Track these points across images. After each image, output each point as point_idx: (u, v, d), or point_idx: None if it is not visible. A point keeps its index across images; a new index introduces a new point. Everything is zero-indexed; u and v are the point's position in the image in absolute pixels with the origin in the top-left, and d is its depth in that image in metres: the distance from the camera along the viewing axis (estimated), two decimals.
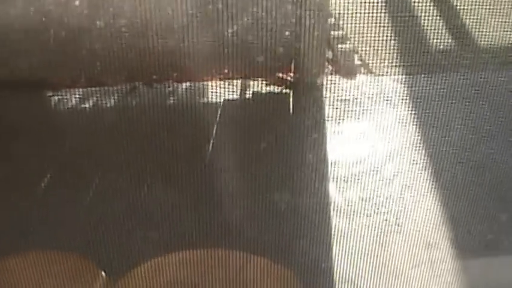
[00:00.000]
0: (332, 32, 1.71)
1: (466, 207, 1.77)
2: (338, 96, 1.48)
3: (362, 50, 1.46)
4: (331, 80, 1.47)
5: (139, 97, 1.33)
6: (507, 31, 1.59)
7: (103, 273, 1.79)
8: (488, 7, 1.48)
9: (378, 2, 1.41)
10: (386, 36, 1.53)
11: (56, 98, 1.31)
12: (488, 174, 1.73)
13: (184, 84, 1.35)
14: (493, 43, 1.58)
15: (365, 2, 1.34)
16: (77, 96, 1.31)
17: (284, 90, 1.55)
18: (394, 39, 1.58)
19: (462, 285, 1.97)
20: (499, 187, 1.76)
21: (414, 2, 1.50)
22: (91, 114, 1.35)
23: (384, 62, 1.48)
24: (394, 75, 1.52)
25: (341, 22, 1.92)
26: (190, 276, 1.76)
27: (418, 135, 1.59)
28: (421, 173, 1.68)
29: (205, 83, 1.38)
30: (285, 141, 1.60)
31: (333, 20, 1.85)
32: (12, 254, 1.67)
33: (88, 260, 1.73)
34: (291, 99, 1.58)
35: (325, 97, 1.46)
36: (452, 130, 1.62)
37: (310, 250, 1.75)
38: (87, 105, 1.33)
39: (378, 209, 1.76)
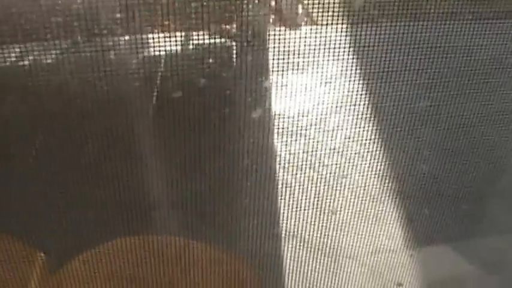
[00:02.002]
0: None
1: (410, 158, 1.95)
2: (282, 47, 1.61)
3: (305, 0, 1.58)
4: (274, 31, 1.59)
5: (80, 52, 1.42)
6: None
7: (42, 254, 1.89)
8: None
9: None
10: None
11: None
12: (431, 125, 1.91)
13: (124, 38, 1.45)
14: None
15: None
16: (16, 52, 1.39)
17: (227, 42, 1.66)
18: None
19: (409, 235, 2.17)
20: (443, 138, 1.95)
21: None
22: (31, 71, 1.43)
23: (328, 12, 1.61)
24: (338, 25, 1.65)
25: None
26: (128, 266, 1.89)
27: (362, 86, 1.74)
28: (365, 125, 1.83)
29: (146, 35, 1.47)
30: (229, 94, 1.72)
31: None
32: None
33: (24, 242, 1.82)
34: (234, 51, 1.69)
35: (269, 48, 1.59)
36: (396, 81, 1.77)
37: (256, 205, 1.90)
38: (26, 62, 1.40)
39: (323, 161, 1.91)
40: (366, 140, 1.82)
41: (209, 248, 1.93)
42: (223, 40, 1.62)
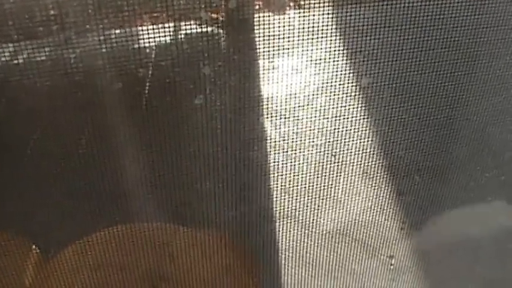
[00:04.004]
0: None
1: (397, 133, 2.05)
2: (269, 32, 1.69)
3: None
4: (261, 17, 1.66)
5: (73, 48, 1.49)
6: None
7: (34, 246, 1.97)
8: None
9: None
10: None
11: None
12: (418, 101, 2.01)
13: (116, 31, 1.52)
14: None
15: None
16: (9, 51, 1.45)
17: (216, 30, 1.74)
18: None
19: (399, 209, 2.28)
20: (428, 112, 2.05)
21: None
22: (24, 69, 1.50)
23: None
24: (324, 8, 1.74)
25: None
26: (118, 254, 1.96)
27: (349, 67, 1.83)
28: (353, 103, 1.93)
29: (136, 28, 1.54)
30: (219, 81, 1.80)
31: None
32: None
33: (19, 235, 1.90)
34: (222, 39, 1.77)
35: (257, 34, 1.66)
36: (383, 60, 1.86)
37: (248, 188, 1.99)
38: (20, 60, 1.47)
39: (313, 141, 2.01)
40: (354, 118, 1.91)
41: (198, 234, 2.00)
42: (212, 28, 1.70)
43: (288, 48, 1.71)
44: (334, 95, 1.84)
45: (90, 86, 1.73)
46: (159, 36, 1.55)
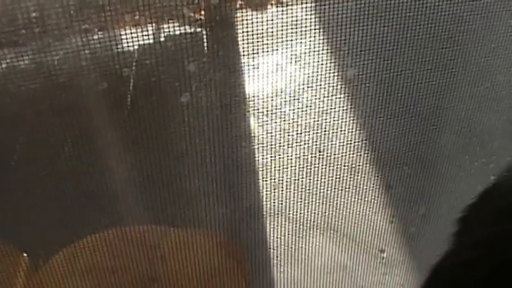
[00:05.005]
0: None
1: (384, 125, 2.07)
2: (251, 30, 1.71)
3: None
4: (242, 15, 1.68)
5: (54, 52, 1.51)
6: None
7: (25, 255, 1.99)
8: None
9: None
10: None
11: None
12: (404, 92, 2.03)
13: (97, 35, 1.54)
14: None
15: None
16: None
17: (197, 30, 1.76)
18: None
19: (388, 202, 2.31)
20: (415, 103, 2.07)
21: None
22: (8, 73, 1.52)
23: None
24: (304, 3, 1.76)
25: None
26: (109, 257, 1.98)
27: (333, 62, 1.85)
28: (338, 97, 1.95)
29: (117, 31, 1.56)
30: (202, 80, 1.83)
31: None
32: None
33: (9, 242, 1.92)
34: (204, 38, 1.80)
35: (238, 32, 1.68)
36: (366, 53, 1.88)
37: (237, 185, 2.01)
38: (3, 65, 1.49)
39: (299, 138, 2.03)
40: (340, 111, 1.93)
41: (188, 234, 2.03)
42: (193, 28, 1.72)
43: (271, 45, 1.73)
44: (319, 89, 1.86)
45: (75, 88, 1.76)
46: (143, 36, 1.57)
